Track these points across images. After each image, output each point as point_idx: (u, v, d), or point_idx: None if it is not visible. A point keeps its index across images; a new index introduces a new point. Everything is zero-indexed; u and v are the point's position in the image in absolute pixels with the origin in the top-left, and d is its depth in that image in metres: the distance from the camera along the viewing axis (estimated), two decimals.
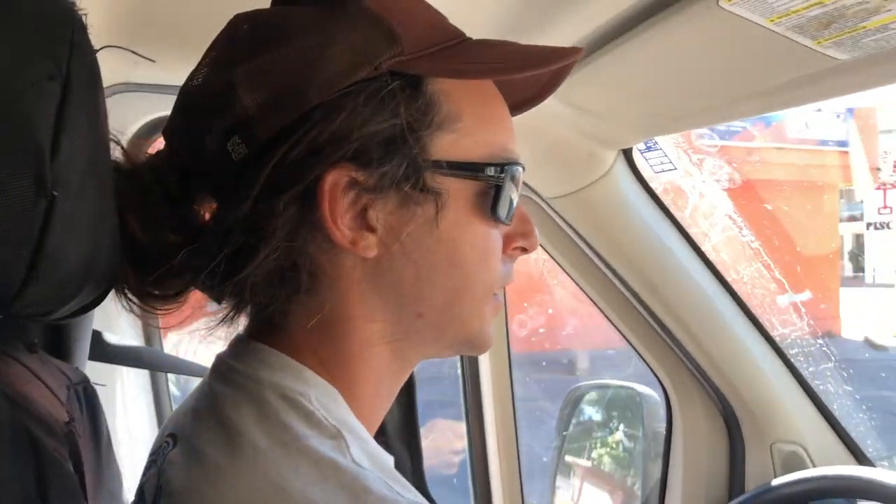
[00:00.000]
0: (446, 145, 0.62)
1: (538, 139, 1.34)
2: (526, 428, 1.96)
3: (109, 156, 0.59)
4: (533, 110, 0.74)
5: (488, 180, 0.63)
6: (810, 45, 0.87)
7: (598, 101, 1.21)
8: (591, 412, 2.04)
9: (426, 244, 0.62)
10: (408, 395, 1.46)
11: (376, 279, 0.62)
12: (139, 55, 0.74)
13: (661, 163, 1.44)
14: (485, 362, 1.80)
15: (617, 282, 1.59)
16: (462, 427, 1.84)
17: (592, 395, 2.05)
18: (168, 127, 0.66)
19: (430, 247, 0.62)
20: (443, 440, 1.86)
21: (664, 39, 0.94)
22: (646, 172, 1.50)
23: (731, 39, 0.91)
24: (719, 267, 1.56)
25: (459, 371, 1.80)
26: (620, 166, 1.45)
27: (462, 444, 1.84)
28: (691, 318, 1.56)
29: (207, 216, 0.66)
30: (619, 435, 1.99)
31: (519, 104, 0.73)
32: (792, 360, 1.62)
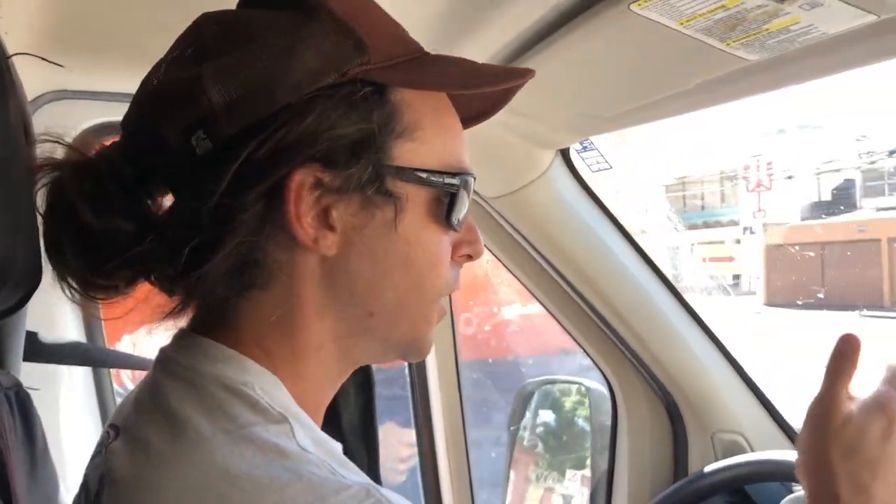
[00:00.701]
0: (407, 152, 0.64)
1: (476, 140, 1.36)
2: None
3: (25, 162, 0.60)
4: None
5: (444, 188, 0.66)
6: (720, 46, 0.91)
7: (530, 103, 1.24)
8: (541, 408, 2.07)
9: (382, 246, 0.65)
10: (365, 392, 1.47)
11: (332, 277, 0.64)
12: (49, 61, 0.75)
13: (598, 162, 1.47)
14: (432, 365, 1.83)
15: (559, 279, 1.62)
16: (408, 434, 1.86)
17: (541, 391, 2.08)
18: (127, 119, 0.67)
19: (387, 249, 0.65)
20: (389, 448, 1.87)
21: (584, 42, 0.98)
22: (584, 172, 1.54)
23: (647, 41, 0.94)
24: None
25: (407, 373, 1.82)
26: (558, 166, 1.49)
27: (408, 452, 1.86)
28: (632, 312, 1.60)
29: (161, 209, 0.67)
30: (567, 429, 2.03)
31: (468, 119, 0.76)
32: (730, 351, 1.67)
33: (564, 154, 1.49)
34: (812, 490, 0.76)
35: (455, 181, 0.67)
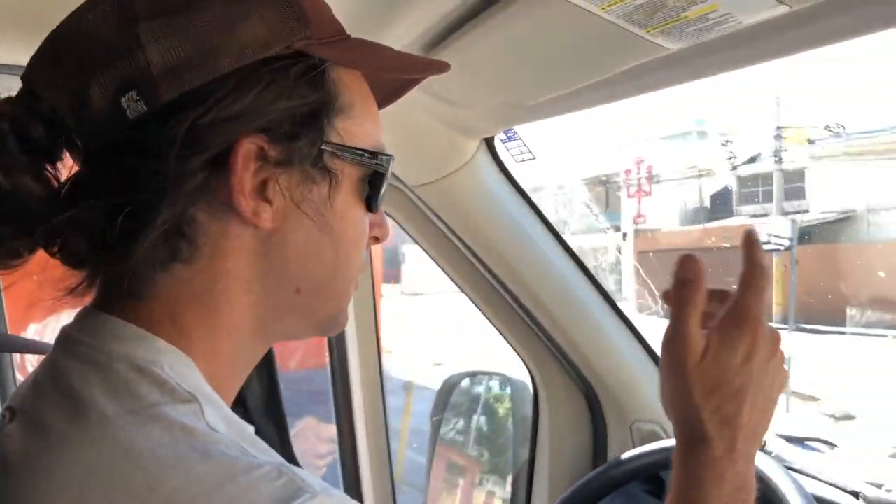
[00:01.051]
0: (344, 130, 0.64)
1: (400, 126, 1.35)
2: None
3: None
4: None
5: (373, 167, 0.67)
6: (641, 33, 0.92)
7: (453, 90, 1.23)
8: (464, 400, 2.08)
9: (318, 222, 0.64)
10: (268, 369, 1.45)
11: (265, 252, 0.63)
12: None
13: (522, 153, 1.48)
14: (354, 358, 1.81)
15: (482, 269, 1.62)
16: (327, 430, 1.85)
17: (465, 383, 2.09)
18: (34, 75, 0.62)
19: (321, 224, 0.64)
20: (307, 444, 1.85)
21: (507, 27, 0.97)
22: (508, 162, 1.54)
23: (569, 27, 0.94)
24: None
25: (328, 358, 1.80)
26: (482, 155, 1.48)
27: (326, 448, 1.84)
28: (553, 303, 1.61)
29: (64, 173, 0.63)
30: (490, 420, 2.04)
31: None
32: (650, 342, 1.70)
33: (489, 143, 1.49)
34: (679, 430, 0.74)
35: (382, 162, 0.67)
